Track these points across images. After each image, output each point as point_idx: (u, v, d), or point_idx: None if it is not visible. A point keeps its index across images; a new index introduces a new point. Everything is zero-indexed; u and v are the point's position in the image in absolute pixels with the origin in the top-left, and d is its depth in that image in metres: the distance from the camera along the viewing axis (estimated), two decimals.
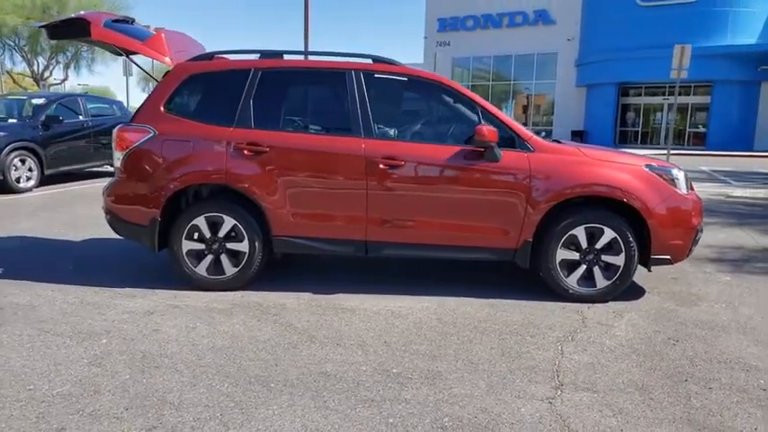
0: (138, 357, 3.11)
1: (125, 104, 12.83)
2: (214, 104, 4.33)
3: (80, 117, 10.45)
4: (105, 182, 4.66)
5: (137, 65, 4.76)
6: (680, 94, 30.25)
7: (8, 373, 2.89)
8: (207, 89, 4.37)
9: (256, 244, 4.21)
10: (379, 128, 4.22)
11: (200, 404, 2.64)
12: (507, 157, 4.12)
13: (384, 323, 3.70)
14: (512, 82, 34.87)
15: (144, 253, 5.29)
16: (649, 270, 4.35)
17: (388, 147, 4.16)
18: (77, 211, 7.66)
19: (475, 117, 4.25)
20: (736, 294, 4.48)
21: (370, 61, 4.42)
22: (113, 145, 4.36)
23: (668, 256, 4.20)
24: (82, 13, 4.32)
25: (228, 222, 4.20)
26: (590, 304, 4.15)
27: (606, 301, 4.20)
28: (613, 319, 3.87)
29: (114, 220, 4.35)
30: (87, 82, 45.43)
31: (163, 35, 4.47)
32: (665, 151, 17.10)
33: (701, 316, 3.97)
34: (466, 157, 4.13)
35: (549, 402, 2.72)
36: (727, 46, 27.26)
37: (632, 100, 31.73)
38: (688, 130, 30.54)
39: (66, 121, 10.03)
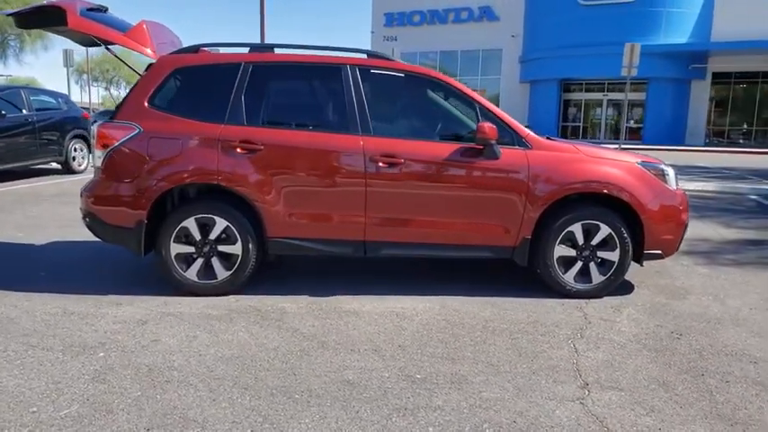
0: (143, 371, 2.90)
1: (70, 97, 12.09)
2: (202, 100, 4.10)
3: (23, 111, 9.77)
4: (53, 181, 4.34)
5: (118, 57, 4.43)
6: (617, 91, 31.58)
7: (4, 395, 2.63)
8: (194, 84, 4.13)
9: (250, 246, 4.03)
10: (376, 125, 4.11)
11: (226, 420, 2.48)
12: (506, 154, 4.11)
13: (392, 326, 3.62)
14: (458, 77, 35.24)
15: (117, 256, 5.01)
16: (641, 265, 4.44)
17: (387, 144, 4.06)
18: (29, 212, 7.16)
19: (472, 114, 4.22)
20: (718, 286, 4.64)
21: (364, 56, 4.30)
22: (93, 143, 4.06)
23: (660, 251, 4.30)
24: (55, 0, 3.98)
25: (220, 224, 3.99)
26: (587, 300, 4.20)
27: (601, 297, 4.26)
28: (614, 315, 3.93)
29: (95, 222, 4.05)
30: (12, 72, 42.71)
31: (144, 26, 4.19)
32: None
33: (694, 309, 4.09)
34: (465, 155, 4.08)
35: (581, 403, 2.71)
36: (660, 45, 28.48)
37: (573, 96, 32.76)
38: (625, 125, 31.77)
39: (7, 116, 9.35)
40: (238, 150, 3.95)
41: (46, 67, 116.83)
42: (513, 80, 33.31)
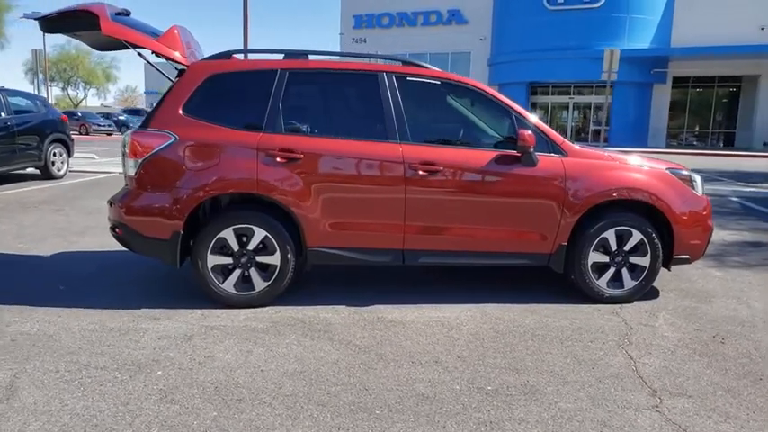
0: (210, 390, 2.80)
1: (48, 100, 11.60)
2: (239, 107, 4.00)
3: (1, 114, 9.34)
4: (35, 187, 4.18)
5: (151, 64, 4.22)
6: (583, 94, 32.35)
7: (76, 419, 2.49)
8: (229, 91, 4.02)
9: (289, 256, 3.95)
10: (413, 132, 4.08)
11: None
12: (543, 161, 4.13)
13: (443, 336, 3.59)
14: None
15: (133, 267, 4.86)
16: (669, 269, 4.53)
17: (426, 152, 4.04)
18: (22, 221, 6.85)
19: (508, 121, 4.24)
20: (737, 289, 4.78)
21: (399, 63, 4.27)
22: (125, 151, 3.91)
23: (688, 256, 4.40)
24: (84, 3, 3.81)
25: (259, 234, 3.89)
26: (620, 305, 4.26)
27: (632, 302, 4.33)
28: (651, 320, 3.99)
29: (129, 234, 3.89)
30: None
31: (176, 31, 4.05)
32: None
33: (724, 312, 4.19)
34: (503, 162, 4.09)
35: (657, 411, 2.74)
36: (624, 50, 29.26)
37: (540, 99, 33.36)
38: (591, 127, 32.56)
39: None
40: (278, 159, 3.86)
41: None
42: (482, 83, 33.60)
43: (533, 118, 4.26)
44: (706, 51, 28.18)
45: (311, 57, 4.18)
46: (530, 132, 3.99)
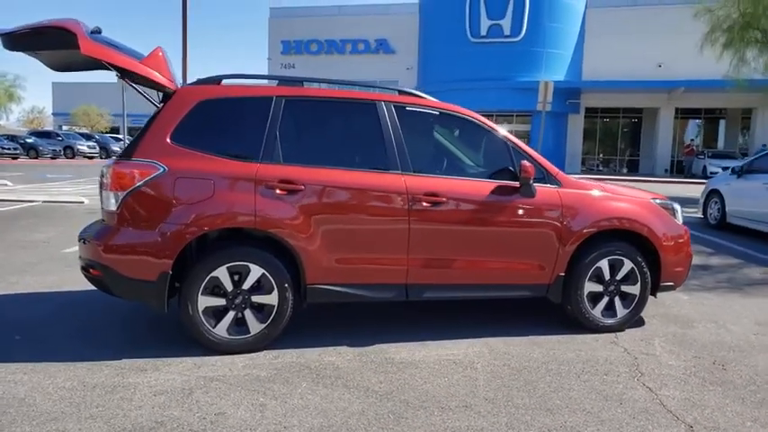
0: None
1: None
2: (233, 136, 3.72)
3: None
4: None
5: (135, 88, 3.80)
6: (504, 123, 33.59)
7: None
8: (222, 118, 3.73)
9: (287, 295, 3.67)
10: (415, 163, 3.95)
11: None
12: (540, 192, 4.12)
13: (461, 377, 3.43)
14: None
15: (96, 307, 4.39)
16: (655, 297, 4.62)
17: (429, 183, 3.92)
18: None
19: (505, 151, 4.20)
20: (710, 313, 4.94)
21: (395, 93, 4.15)
22: (104, 182, 3.51)
23: (672, 283, 4.51)
24: (57, 20, 3.40)
25: (255, 272, 3.60)
26: (615, 334, 4.28)
27: (623, 330, 4.37)
28: (649, 348, 4.02)
29: (109, 275, 3.47)
30: None
31: (160, 53, 3.72)
32: None
33: (708, 337, 4.30)
34: (504, 193, 4.05)
35: None
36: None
37: None
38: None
39: None
40: (277, 191, 3.61)
41: None
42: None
43: (529, 149, 4.25)
44: (611, 85, 30.34)
45: (306, 84, 3.98)
46: (529, 163, 3.98)
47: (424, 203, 3.86)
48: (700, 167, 27.75)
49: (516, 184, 4.06)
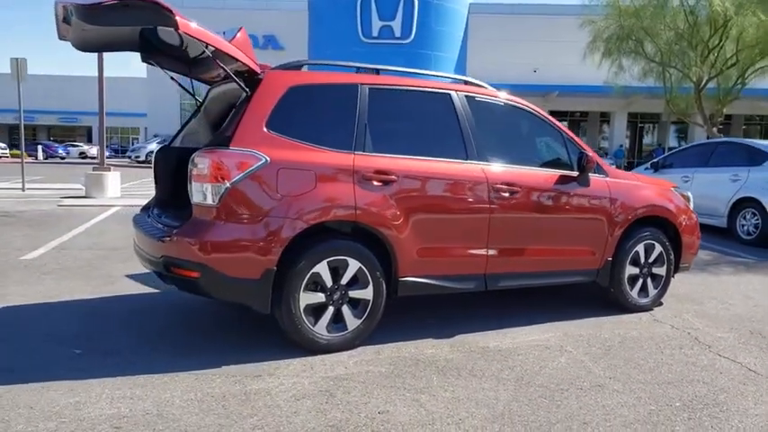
0: None
1: None
2: (325, 125, 3.48)
3: None
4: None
5: (228, 72, 3.27)
6: None
7: None
8: (312, 106, 3.47)
9: (382, 289, 3.53)
10: (490, 153, 3.97)
11: None
12: (593, 182, 4.33)
13: (566, 360, 3.49)
14: None
15: (139, 315, 3.92)
16: (673, 277, 5.01)
17: (505, 173, 3.96)
18: None
19: (561, 143, 4.35)
20: (705, 291, 5.47)
21: (462, 83, 4.14)
22: (202, 173, 3.13)
23: (687, 264, 4.95)
24: None
25: (353, 266, 3.41)
26: (651, 312, 4.61)
27: (653, 309, 4.72)
28: (688, 323, 4.36)
29: (208, 276, 3.09)
30: None
31: (246, 34, 3.39)
32: None
33: (724, 312, 4.76)
34: (565, 182, 4.19)
35: None
36: None
37: None
38: None
39: None
40: (374, 182, 3.45)
41: None
42: None
43: (580, 141, 4.44)
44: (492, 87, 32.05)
45: (382, 73, 3.84)
46: (592, 155, 4.17)
47: (503, 193, 3.89)
48: None
49: (574, 174, 4.23)
